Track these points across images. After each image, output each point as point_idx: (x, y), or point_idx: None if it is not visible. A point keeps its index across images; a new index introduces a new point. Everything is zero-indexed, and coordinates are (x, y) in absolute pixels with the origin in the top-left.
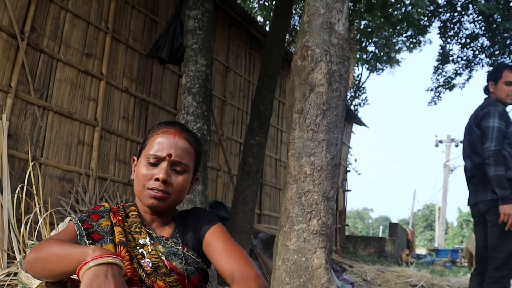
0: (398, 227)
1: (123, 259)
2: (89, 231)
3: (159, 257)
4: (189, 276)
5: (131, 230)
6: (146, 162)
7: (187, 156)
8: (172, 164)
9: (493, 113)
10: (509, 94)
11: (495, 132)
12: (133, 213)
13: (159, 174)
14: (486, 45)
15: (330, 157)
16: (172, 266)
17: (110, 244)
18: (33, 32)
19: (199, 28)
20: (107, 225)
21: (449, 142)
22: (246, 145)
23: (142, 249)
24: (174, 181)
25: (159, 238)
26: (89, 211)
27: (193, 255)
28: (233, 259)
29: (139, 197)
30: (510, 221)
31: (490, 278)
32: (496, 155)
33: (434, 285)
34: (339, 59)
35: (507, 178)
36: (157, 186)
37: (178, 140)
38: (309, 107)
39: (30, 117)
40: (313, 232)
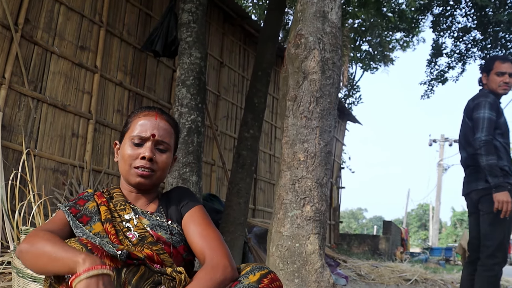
0: (392, 225)
1: (111, 234)
2: (77, 216)
3: (145, 228)
4: (175, 245)
5: (116, 209)
6: (131, 143)
7: (168, 136)
8: (156, 144)
9: (484, 103)
10: (500, 84)
11: (486, 122)
12: (117, 193)
13: (145, 153)
14: (478, 38)
15: (324, 143)
16: (157, 235)
17: (98, 222)
18: (27, 24)
19: (193, 21)
20: (93, 206)
21: (443, 141)
22: (240, 138)
23: (128, 223)
24: (159, 159)
25: (144, 212)
26: (75, 198)
27: (177, 227)
28: (207, 243)
29: (126, 177)
30: (504, 209)
31: (482, 266)
32: (487, 145)
33: (428, 279)
34: (332, 47)
35: (499, 167)
36: (143, 164)
37: (159, 122)
38: (302, 94)
39: (24, 109)
40: (306, 218)
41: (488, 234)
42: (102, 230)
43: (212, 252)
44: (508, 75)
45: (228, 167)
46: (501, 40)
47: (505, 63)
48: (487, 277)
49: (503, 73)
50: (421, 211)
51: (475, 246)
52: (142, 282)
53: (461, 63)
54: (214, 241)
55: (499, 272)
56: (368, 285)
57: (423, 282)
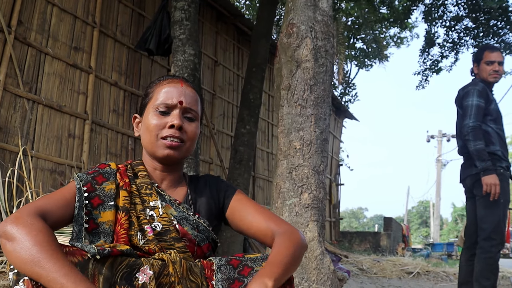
0: (393, 222)
1: (122, 226)
2: (90, 195)
3: (171, 220)
4: (199, 243)
5: (141, 192)
6: (156, 111)
7: (196, 104)
8: (184, 112)
9: (472, 91)
10: (490, 73)
11: (474, 109)
12: (142, 172)
13: (174, 121)
14: (470, 27)
15: (319, 131)
16: (183, 231)
17: (109, 210)
18: (20, 26)
19: (186, 18)
20: (110, 189)
21: (441, 137)
22: (237, 134)
23: (153, 211)
24: (187, 128)
25: (172, 201)
26: (95, 172)
27: (204, 222)
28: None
29: (151, 150)
30: (493, 191)
31: (480, 249)
32: (475, 130)
33: (430, 271)
34: (324, 35)
35: (490, 152)
36: (172, 133)
37: (186, 88)
38: (296, 83)
39: (19, 110)
40: (304, 205)
41: (484, 217)
42: (110, 220)
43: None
44: (497, 63)
45: (226, 165)
46: (493, 27)
47: (494, 52)
48: (485, 258)
49: (493, 62)
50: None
51: (471, 231)
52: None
53: (454, 52)
54: (274, 216)
55: (497, 254)
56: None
57: (425, 275)
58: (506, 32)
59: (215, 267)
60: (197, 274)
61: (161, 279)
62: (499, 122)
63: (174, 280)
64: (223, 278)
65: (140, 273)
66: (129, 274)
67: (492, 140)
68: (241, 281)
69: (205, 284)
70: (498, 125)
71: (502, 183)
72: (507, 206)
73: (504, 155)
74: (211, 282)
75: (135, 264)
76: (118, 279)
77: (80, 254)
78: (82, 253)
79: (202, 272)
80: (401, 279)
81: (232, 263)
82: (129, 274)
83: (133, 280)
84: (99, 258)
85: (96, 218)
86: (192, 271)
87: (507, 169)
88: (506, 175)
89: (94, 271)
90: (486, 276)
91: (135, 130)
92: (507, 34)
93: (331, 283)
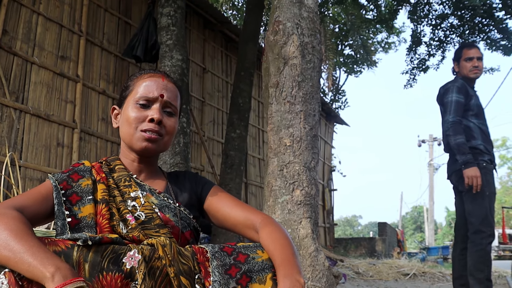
0: (387, 226)
1: (103, 217)
2: (67, 192)
3: (153, 208)
4: (182, 230)
5: (119, 185)
6: (136, 104)
7: (176, 99)
8: (164, 106)
9: (451, 88)
10: (471, 69)
11: (453, 105)
12: (119, 166)
13: (154, 115)
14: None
15: (309, 127)
16: (166, 218)
17: (88, 204)
18: (5, 35)
19: (172, 24)
20: (87, 184)
21: (432, 141)
22: (227, 139)
23: (134, 202)
24: (167, 122)
25: (152, 190)
26: (69, 170)
27: (185, 210)
28: (249, 210)
29: (129, 142)
30: (474, 183)
31: (471, 243)
32: (454, 125)
33: (426, 273)
34: (311, 31)
35: (472, 146)
36: (152, 127)
37: (167, 83)
38: (284, 80)
39: (6, 120)
40: (297, 202)
41: (472, 212)
42: (91, 213)
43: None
44: (476, 59)
45: (218, 172)
46: (478, 25)
47: (472, 49)
48: (477, 251)
49: (471, 58)
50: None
51: (459, 226)
52: (100, 254)
53: (441, 50)
54: (250, 207)
55: (488, 246)
56: (366, 282)
57: (422, 276)
58: (491, 29)
59: (209, 254)
60: (188, 257)
61: (152, 263)
62: (481, 116)
63: (165, 263)
64: (219, 264)
65: (127, 257)
66: (115, 260)
67: (474, 135)
68: (238, 267)
69: (197, 268)
70: (480, 120)
71: (486, 176)
72: (493, 198)
73: (487, 149)
74: (204, 267)
75: (120, 249)
76: (105, 265)
77: (63, 243)
78: (65, 242)
79: (194, 257)
80: (398, 281)
81: (226, 250)
82: (116, 259)
83: (121, 265)
84: (82, 246)
85: (76, 214)
86: (182, 254)
87: (490, 162)
88: (489, 168)
89: (79, 259)
90: (479, 268)
91: (113, 122)
92: (492, 31)
93: (327, 280)
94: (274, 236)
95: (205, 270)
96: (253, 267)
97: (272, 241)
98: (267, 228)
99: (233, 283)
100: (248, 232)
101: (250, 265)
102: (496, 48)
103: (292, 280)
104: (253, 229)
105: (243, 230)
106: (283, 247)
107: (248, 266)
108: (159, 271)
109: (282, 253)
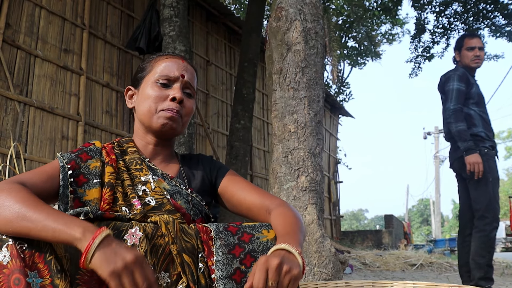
0: (394, 219)
1: (104, 202)
2: (75, 173)
3: (164, 194)
4: (193, 218)
5: (130, 168)
6: (156, 83)
7: (194, 81)
8: (184, 87)
9: (452, 76)
10: (472, 58)
11: (454, 93)
12: (131, 149)
13: (176, 94)
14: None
15: (313, 113)
16: (177, 205)
17: (94, 188)
18: (8, 28)
19: (175, 15)
20: (95, 166)
21: (437, 133)
22: (232, 130)
23: (145, 186)
24: (186, 103)
25: (164, 175)
26: (79, 150)
27: (197, 197)
28: (265, 194)
29: (149, 121)
30: (476, 170)
31: (476, 228)
32: (456, 113)
33: (433, 263)
34: (314, 17)
35: (473, 133)
36: (173, 106)
37: (187, 65)
38: (287, 66)
39: (11, 113)
40: (302, 189)
41: (476, 198)
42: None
43: (273, 199)
44: (477, 48)
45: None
46: (482, 11)
47: (473, 38)
48: (480, 237)
49: (473, 47)
50: (422, 206)
51: (463, 213)
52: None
53: (445, 38)
54: (266, 192)
55: (491, 232)
56: (373, 273)
57: (429, 266)
58: (496, 15)
59: (213, 234)
60: (192, 235)
61: (155, 240)
62: (482, 104)
63: (168, 240)
64: (223, 244)
65: (129, 235)
66: (117, 236)
67: (475, 122)
68: (242, 247)
69: (201, 247)
70: (481, 108)
71: (488, 162)
72: (496, 184)
73: (488, 135)
74: (207, 247)
75: (122, 226)
76: None
77: None
78: None
79: (198, 236)
80: (405, 271)
81: (230, 229)
82: (117, 236)
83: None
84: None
85: (81, 196)
86: (186, 233)
87: (492, 149)
88: (491, 154)
89: None
90: (481, 254)
91: (128, 102)
92: (496, 17)
93: (333, 266)
94: (284, 213)
95: (208, 249)
96: (258, 247)
97: (280, 217)
98: (280, 208)
99: (237, 263)
100: (263, 215)
101: (255, 245)
102: (501, 34)
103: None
104: (268, 212)
105: (257, 213)
106: (288, 223)
107: (252, 246)
108: (162, 249)
109: (286, 227)
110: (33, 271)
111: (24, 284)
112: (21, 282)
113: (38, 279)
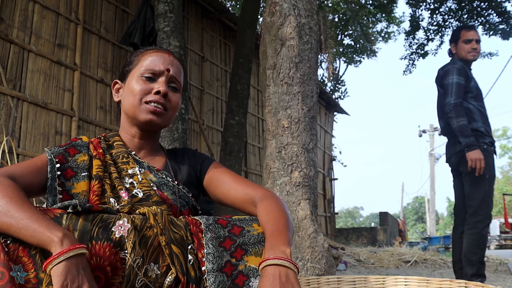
0: (389, 216)
1: (94, 193)
2: (62, 167)
3: (150, 186)
4: (180, 209)
5: (117, 162)
6: (142, 77)
7: (180, 75)
8: (169, 81)
9: (451, 70)
10: (469, 51)
11: (454, 87)
12: (118, 143)
13: (160, 87)
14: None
15: (307, 109)
16: (164, 196)
17: (82, 181)
18: (1, 23)
19: (169, 11)
20: (83, 160)
21: (432, 131)
22: (226, 126)
23: (132, 179)
24: (172, 97)
25: (151, 167)
26: (66, 144)
27: (183, 188)
28: (248, 185)
29: (134, 114)
30: (478, 166)
31: (468, 225)
32: (457, 107)
33: (428, 260)
34: (308, 12)
35: (473, 128)
36: (157, 99)
37: (173, 59)
38: (281, 61)
39: (4, 108)
40: (295, 184)
41: (471, 194)
42: (84, 191)
43: (258, 189)
44: (475, 41)
45: (217, 159)
46: (477, 9)
47: (470, 31)
48: (472, 234)
49: (470, 40)
50: (417, 204)
51: (458, 208)
52: (89, 223)
53: (439, 35)
54: (250, 182)
55: (484, 229)
56: (367, 269)
57: (423, 263)
58: (490, 12)
59: (203, 226)
60: (181, 227)
61: (144, 232)
62: (480, 99)
63: (156, 232)
64: (213, 237)
65: (117, 226)
66: (105, 229)
67: (474, 117)
68: (232, 239)
69: (190, 238)
70: (479, 102)
71: (486, 159)
72: (492, 181)
73: (487, 131)
74: (197, 239)
75: (110, 218)
76: (95, 233)
77: (53, 212)
78: (54, 211)
79: (187, 227)
80: (399, 268)
81: (220, 222)
82: (105, 228)
83: (110, 234)
84: (72, 214)
85: (69, 189)
86: (174, 224)
87: (490, 145)
88: (490, 150)
89: (68, 227)
90: (473, 251)
91: (115, 95)
92: (490, 15)
93: (326, 261)
94: (270, 209)
95: (198, 242)
96: (249, 240)
97: (266, 213)
98: (265, 202)
99: (228, 256)
100: (248, 207)
101: (245, 238)
102: (495, 32)
103: (277, 251)
104: (253, 204)
105: (242, 206)
106: (275, 220)
107: (243, 239)
108: (151, 240)
109: (273, 224)
110: (17, 265)
111: (7, 278)
112: (5, 276)
113: (22, 273)
